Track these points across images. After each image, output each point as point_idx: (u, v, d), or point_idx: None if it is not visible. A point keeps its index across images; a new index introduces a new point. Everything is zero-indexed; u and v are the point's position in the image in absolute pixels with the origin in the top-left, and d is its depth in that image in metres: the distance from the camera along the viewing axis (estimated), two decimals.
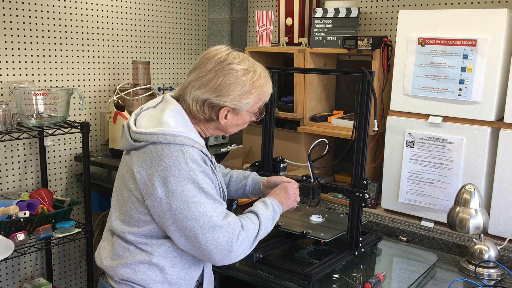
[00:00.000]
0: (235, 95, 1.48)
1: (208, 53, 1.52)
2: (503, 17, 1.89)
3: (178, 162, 1.39)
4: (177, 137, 1.41)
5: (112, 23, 2.81)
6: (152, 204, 1.42)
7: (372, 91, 1.79)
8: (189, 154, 1.41)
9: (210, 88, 1.47)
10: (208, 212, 1.40)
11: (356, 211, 1.84)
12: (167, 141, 1.40)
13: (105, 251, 1.57)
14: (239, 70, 1.49)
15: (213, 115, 1.51)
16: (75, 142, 2.75)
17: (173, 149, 1.40)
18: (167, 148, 1.40)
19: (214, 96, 1.47)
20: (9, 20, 2.42)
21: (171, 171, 1.38)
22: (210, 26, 3.29)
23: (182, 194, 1.39)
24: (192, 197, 1.39)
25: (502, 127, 1.94)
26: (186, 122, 1.49)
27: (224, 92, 1.47)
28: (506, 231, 1.96)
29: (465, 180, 2.01)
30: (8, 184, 2.51)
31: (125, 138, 1.50)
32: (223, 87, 1.47)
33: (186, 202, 1.39)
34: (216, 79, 1.47)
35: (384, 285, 1.69)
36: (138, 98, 2.68)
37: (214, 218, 1.41)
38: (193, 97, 1.49)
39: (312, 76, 2.59)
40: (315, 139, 1.92)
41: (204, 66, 1.49)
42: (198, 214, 1.39)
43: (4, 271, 2.55)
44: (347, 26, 2.51)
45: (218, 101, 1.48)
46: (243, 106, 1.51)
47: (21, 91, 2.22)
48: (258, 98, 1.54)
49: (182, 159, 1.39)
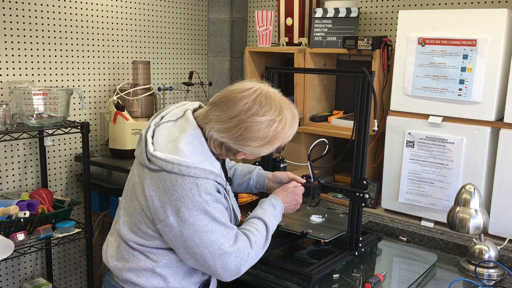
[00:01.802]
0: (255, 146, 1.45)
1: (234, 92, 1.45)
2: (503, 17, 1.89)
3: (192, 194, 1.39)
4: (192, 169, 1.39)
5: (112, 23, 2.81)
6: (163, 229, 1.43)
7: (372, 91, 1.79)
8: (203, 186, 1.40)
9: (230, 136, 1.43)
10: (218, 240, 1.42)
11: (356, 211, 1.84)
12: (182, 172, 1.38)
13: (111, 249, 1.57)
14: (263, 122, 1.42)
15: (230, 155, 1.52)
16: (75, 142, 2.75)
17: (187, 181, 1.39)
18: (182, 179, 1.39)
19: (233, 144, 1.45)
20: (9, 20, 2.42)
21: (184, 202, 1.39)
22: (210, 26, 3.29)
23: (194, 224, 1.40)
24: (204, 227, 1.40)
25: (502, 127, 1.94)
26: (203, 148, 1.46)
27: (243, 143, 1.44)
28: (506, 231, 1.96)
29: (465, 180, 2.01)
30: (8, 184, 2.51)
31: (140, 151, 1.49)
32: (243, 138, 1.43)
33: (198, 232, 1.40)
34: (237, 129, 1.41)
35: (384, 285, 1.69)
36: (138, 98, 2.68)
37: (225, 246, 1.42)
38: (211, 136, 1.46)
39: (312, 76, 2.59)
40: (315, 139, 1.92)
41: (227, 109, 1.43)
42: (209, 242, 1.41)
43: (4, 271, 2.55)
44: (347, 26, 2.51)
45: (236, 147, 1.46)
46: (262, 153, 1.51)
47: (21, 91, 2.21)
48: (279, 144, 1.51)
49: (195, 191, 1.39)
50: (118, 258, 1.54)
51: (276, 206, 1.65)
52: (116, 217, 1.60)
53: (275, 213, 1.63)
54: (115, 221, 1.61)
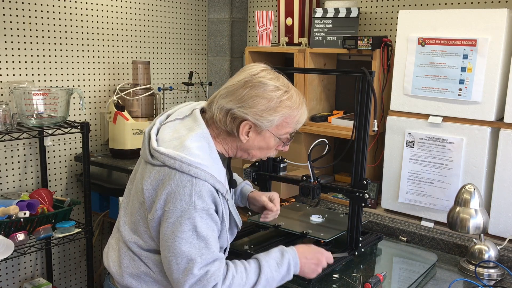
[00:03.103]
0: (259, 109, 1.41)
1: (245, 67, 1.49)
2: (503, 17, 1.89)
3: (183, 192, 1.33)
4: (193, 168, 1.34)
5: (112, 23, 2.81)
6: (151, 224, 1.39)
7: (372, 91, 1.79)
8: (198, 188, 1.34)
9: (235, 98, 1.41)
10: (190, 254, 1.33)
11: (356, 211, 1.84)
12: (182, 169, 1.34)
13: (113, 254, 1.53)
14: (269, 84, 1.42)
15: (234, 128, 1.44)
16: (75, 142, 2.75)
17: (184, 179, 1.34)
18: (179, 175, 1.34)
19: (237, 107, 1.41)
20: (9, 20, 2.42)
21: (173, 198, 1.34)
22: (210, 26, 3.29)
23: (174, 224, 1.34)
24: (181, 232, 1.33)
25: (502, 127, 1.94)
26: (211, 149, 1.42)
27: (247, 104, 1.40)
28: (506, 231, 1.96)
29: (465, 180, 2.01)
30: (8, 184, 2.51)
31: (144, 148, 1.45)
32: (248, 97, 1.40)
33: (174, 234, 1.33)
34: (243, 89, 1.41)
35: (384, 285, 1.69)
36: (138, 98, 2.68)
37: (193, 264, 1.32)
38: (218, 106, 1.43)
39: (312, 76, 2.59)
40: (315, 139, 1.92)
41: (235, 77, 1.45)
42: (180, 252, 1.33)
43: (4, 271, 2.55)
44: (347, 26, 2.51)
45: (240, 113, 1.41)
46: (264, 123, 1.43)
47: (21, 91, 2.21)
48: (285, 120, 1.46)
49: (188, 190, 1.33)
50: (119, 263, 1.49)
51: (286, 254, 1.48)
52: (118, 218, 1.58)
53: (280, 261, 1.46)
54: (117, 222, 1.58)
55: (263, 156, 1.54)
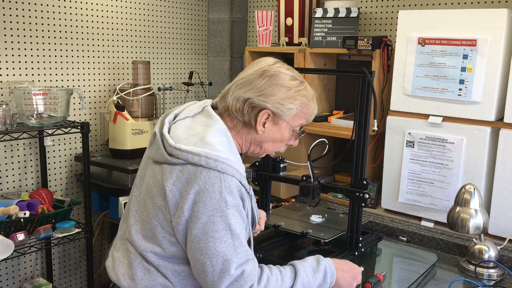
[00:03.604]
0: (279, 97, 1.40)
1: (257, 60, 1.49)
2: (503, 17, 1.89)
3: (213, 190, 1.27)
4: (220, 164, 1.29)
5: (112, 23, 2.81)
6: (177, 227, 1.31)
7: (372, 91, 1.79)
8: (227, 184, 1.29)
9: (254, 87, 1.39)
10: (226, 254, 1.27)
11: (356, 211, 1.84)
12: (209, 165, 1.28)
13: (122, 267, 1.43)
14: (286, 74, 1.43)
15: (252, 118, 1.41)
16: (75, 142, 2.75)
17: (212, 175, 1.28)
18: (206, 172, 1.28)
19: (256, 95, 1.39)
20: (9, 20, 2.42)
21: (202, 197, 1.27)
22: (210, 26, 3.29)
23: (206, 224, 1.27)
24: (215, 232, 1.27)
25: (502, 127, 1.94)
26: (230, 144, 1.38)
27: (268, 92, 1.39)
28: (506, 231, 1.96)
29: (465, 180, 2.01)
30: (8, 184, 2.51)
31: (157, 148, 1.38)
32: (267, 86, 1.39)
33: (207, 234, 1.27)
34: (262, 78, 1.40)
35: (384, 285, 1.69)
36: (138, 98, 2.68)
37: (230, 264, 1.27)
38: (235, 96, 1.40)
39: (312, 76, 2.59)
40: (315, 139, 1.92)
41: (250, 68, 1.44)
42: (214, 252, 1.27)
43: (4, 271, 2.55)
44: (347, 26, 2.51)
45: (259, 101, 1.39)
46: (284, 111, 1.41)
47: (21, 91, 2.21)
48: (302, 110, 1.46)
49: (217, 187, 1.27)
50: (131, 276, 1.39)
51: (322, 262, 1.44)
52: (123, 229, 1.47)
53: (316, 268, 1.42)
54: (122, 233, 1.47)
55: (275, 150, 1.51)
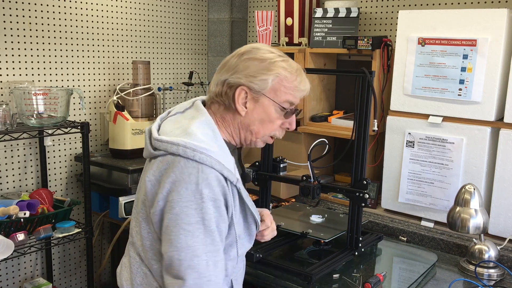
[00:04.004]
0: (251, 70, 1.33)
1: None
2: (503, 17, 1.89)
3: (189, 180, 1.23)
4: (198, 154, 1.24)
5: (112, 23, 2.81)
6: (154, 218, 1.29)
7: (372, 91, 1.79)
8: (204, 175, 1.23)
9: (229, 67, 1.36)
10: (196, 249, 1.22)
11: (356, 211, 1.84)
12: (186, 155, 1.24)
13: (125, 272, 1.41)
14: (262, 49, 1.37)
15: (231, 100, 1.35)
16: (75, 142, 2.75)
17: (189, 165, 1.24)
18: (184, 162, 1.24)
19: (231, 74, 1.35)
20: (9, 20, 2.42)
21: (178, 187, 1.23)
22: (210, 26, 3.29)
23: (178, 215, 1.22)
24: (187, 224, 1.22)
25: (502, 127, 1.94)
26: (216, 135, 1.33)
27: (240, 67, 1.34)
28: (506, 231, 1.96)
29: (465, 180, 2.01)
30: (8, 184, 2.51)
31: (145, 144, 1.37)
32: (241, 62, 1.35)
33: (178, 226, 1.22)
34: (237, 57, 1.37)
35: (384, 285, 1.69)
36: (138, 98, 2.68)
37: (198, 261, 1.22)
38: (214, 82, 1.38)
39: (312, 76, 2.59)
40: (315, 139, 1.92)
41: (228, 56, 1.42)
42: (184, 246, 1.21)
43: (4, 271, 2.55)
44: (347, 26, 2.51)
45: (234, 79, 1.34)
46: (259, 84, 1.33)
47: (21, 91, 2.21)
48: (280, 83, 1.36)
49: (194, 177, 1.23)
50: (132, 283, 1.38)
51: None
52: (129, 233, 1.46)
53: None
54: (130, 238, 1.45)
55: (267, 133, 1.41)
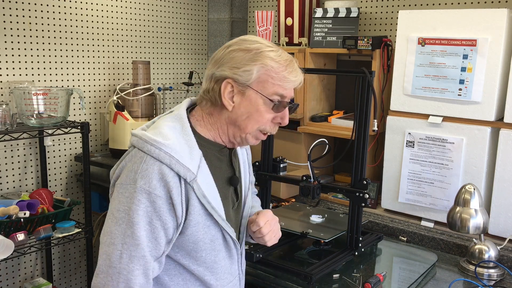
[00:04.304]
0: (235, 61, 1.27)
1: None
2: (503, 17, 1.89)
3: (131, 168, 1.23)
4: (148, 145, 1.23)
5: (112, 23, 2.81)
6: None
7: (372, 91, 1.79)
8: (145, 166, 1.21)
9: (215, 61, 1.31)
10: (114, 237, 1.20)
11: (356, 211, 1.84)
12: (138, 145, 1.25)
13: None
14: (249, 40, 1.31)
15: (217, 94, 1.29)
16: (75, 142, 2.75)
17: (137, 155, 1.24)
18: (135, 151, 1.26)
19: (217, 68, 1.29)
20: (9, 20, 2.42)
21: (122, 173, 1.26)
22: (210, 26, 3.29)
23: (113, 200, 1.24)
24: (116, 211, 1.22)
25: (502, 127, 1.94)
26: (185, 130, 1.29)
27: (225, 59, 1.29)
28: (506, 231, 1.96)
29: (465, 180, 2.01)
30: (8, 184, 2.51)
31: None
32: (226, 54, 1.29)
33: (110, 210, 1.23)
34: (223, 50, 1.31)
35: (384, 285, 1.69)
36: (138, 98, 2.68)
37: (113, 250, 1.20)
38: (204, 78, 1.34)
39: (312, 76, 2.59)
40: (315, 139, 1.92)
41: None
42: (108, 231, 1.22)
43: (4, 271, 2.55)
44: (347, 26, 2.51)
45: (220, 72, 1.28)
46: (243, 75, 1.26)
47: (21, 91, 2.21)
48: (267, 73, 1.28)
49: (136, 166, 1.22)
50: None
51: None
52: None
53: None
54: None
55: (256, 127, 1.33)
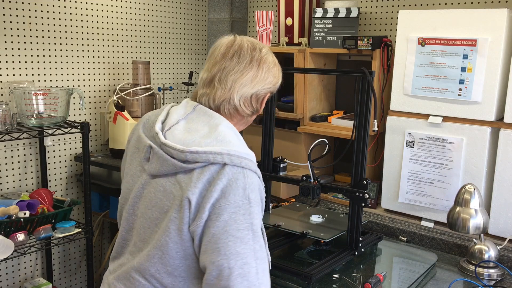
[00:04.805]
0: (274, 75, 1.44)
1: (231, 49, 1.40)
2: (503, 17, 1.89)
3: (236, 186, 1.20)
4: (243, 160, 1.23)
5: (112, 23, 2.81)
6: (195, 229, 1.21)
7: (372, 91, 1.79)
8: (250, 180, 1.22)
9: (259, 80, 1.37)
10: (246, 256, 1.17)
11: (356, 211, 1.84)
12: (233, 162, 1.21)
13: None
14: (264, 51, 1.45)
15: (259, 106, 1.40)
16: (75, 142, 2.75)
17: (236, 171, 1.21)
18: (229, 169, 1.21)
19: (262, 86, 1.38)
20: (9, 20, 2.42)
21: (225, 193, 1.19)
22: (210, 26, 3.29)
23: (227, 222, 1.18)
24: (236, 230, 1.18)
25: (502, 127, 1.94)
26: (239, 138, 1.31)
27: (267, 80, 1.40)
28: (506, 231, 1.96)
29: (465, 180, 2.01)
30: (8, 184, 2.51)
31: (162, 161, 1.26)
32: (265, 72, 1.39)
33: (227, 233, 1.17)
34: (260, 68, 1.39)
35: (384, 285, 1.69)
36: (138, 98, 2.68)
37: (249, 268, 1.17)
38: (241, 96, 1.34)
39: (312, 76, 2.59)
40: (315, 139, 1.92)
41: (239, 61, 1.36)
42: (234, 253, 1.16)
43: (4, 271, 2.55)
44: (347, 26, 2.51)
45: (265, 90, 1.39)
46: (279, 83, 1.47)
47: (21, 91, 2.21)
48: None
49: (241, 183, 1.21)
50: None
51: None
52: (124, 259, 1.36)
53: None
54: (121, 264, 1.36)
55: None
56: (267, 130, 2.13)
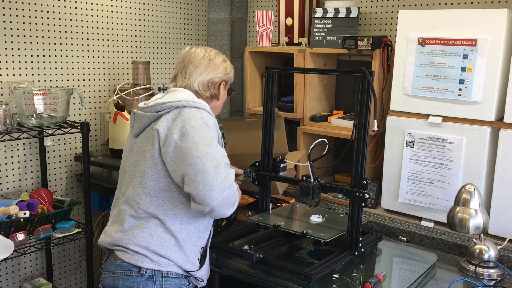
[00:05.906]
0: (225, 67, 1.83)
1: (188, 53, 1.82)
2: (503, 17, 1.89)
3: (195, 117, 1.63)
4: (197, 103, 1.68)
5: (112, 23, 2.81)
6: (166, 151, 1.61)
7: (372, 91, 1.79)
8: (206, 115, 1.66)
9: (211, 70, 1.79)
10: (214, 154, 1.57)
11: (356, 211, 1.84)
12: (189, 105, 1.66)
13: (113, 228, 1.72)
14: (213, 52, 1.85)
15: (216, 91, 1.82)
16: (75, 142, 2.75)
17: (193, 110, 1.65)
18: (189, 109, 1.65)
19: (214, 74, 1.79)
20: (9, 20, 2.42)
21: (188, 122, 1.61)
22: (210, 26, 3.29)
23: (194, 137, 1.58)
24: (203, 140, 1.58)
25: (502, 127, 1.94)
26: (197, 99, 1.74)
27: (219, 70, 1.81)
28: (506, 231, 1.96)
29: (465, 180, 2.01)
30: (8, 184, 2.51)
31: (140, 117, 1.71)
32: (215, 64, 1.80)
33: (196, 144, 1.57)
34: (211, 61, 1.80)
35: (384, 285, 1.69)
36: (138, 98, 2.68)
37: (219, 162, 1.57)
38: (199, 82, 1.77)
39: (312, 76, 2.59)
40: (315, 139, 1.92)
41: (194, 59, 1.79)
42: (204, 154, 1.56)
43: (4, 271, 2.55)
44: (347, 26, 2.51)
45: (218, 78, 1.81)
46: (231, 76, 1.86)
47: (21, 91, 2.21)
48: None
49: (198, 115, 1.64)
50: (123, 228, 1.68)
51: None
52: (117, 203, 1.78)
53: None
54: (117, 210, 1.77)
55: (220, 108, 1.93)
56: (267, 130, 2.13)
